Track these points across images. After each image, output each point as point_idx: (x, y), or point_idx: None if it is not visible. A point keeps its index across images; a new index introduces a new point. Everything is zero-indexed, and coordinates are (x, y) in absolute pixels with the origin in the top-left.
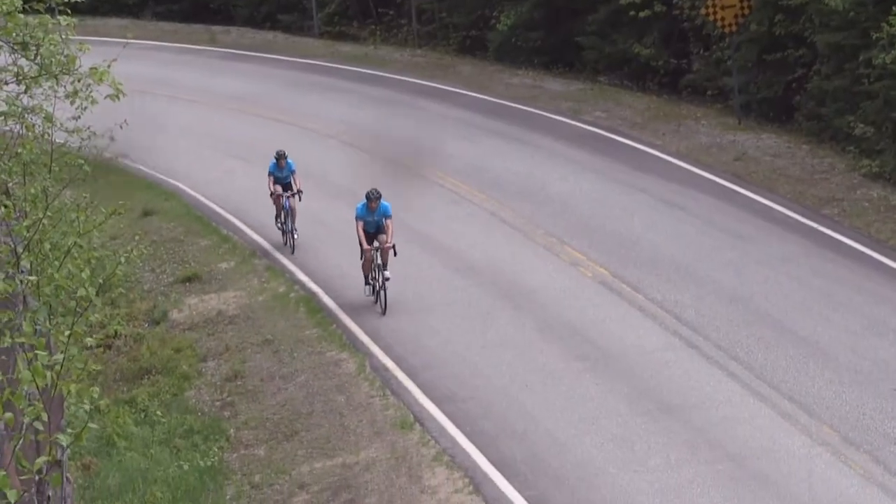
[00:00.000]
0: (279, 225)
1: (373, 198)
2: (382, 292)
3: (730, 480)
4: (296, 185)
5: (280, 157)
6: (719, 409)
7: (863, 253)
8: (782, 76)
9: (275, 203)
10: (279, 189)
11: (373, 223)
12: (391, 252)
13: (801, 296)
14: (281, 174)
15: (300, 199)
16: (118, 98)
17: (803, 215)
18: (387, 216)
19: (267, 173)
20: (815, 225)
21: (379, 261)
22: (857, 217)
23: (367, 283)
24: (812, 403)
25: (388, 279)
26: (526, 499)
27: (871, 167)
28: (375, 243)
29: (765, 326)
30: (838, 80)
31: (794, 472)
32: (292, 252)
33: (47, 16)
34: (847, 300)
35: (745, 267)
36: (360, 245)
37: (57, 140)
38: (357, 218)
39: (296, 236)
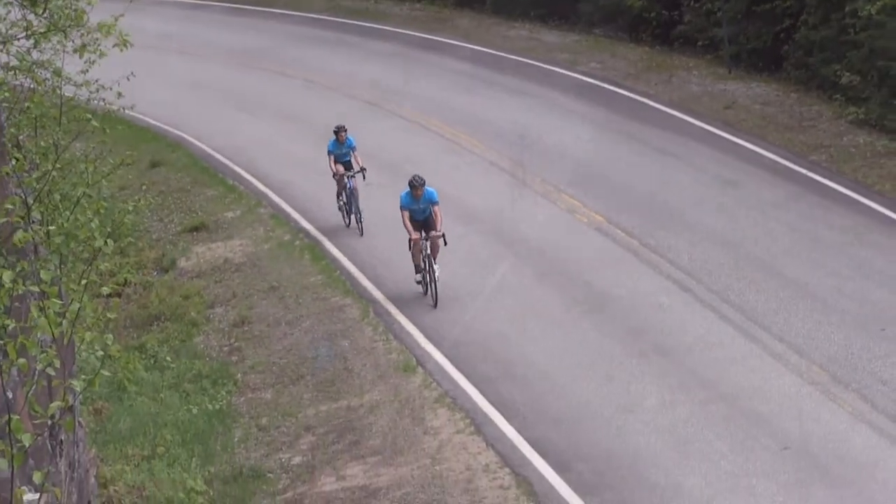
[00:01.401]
0: (341, 203)
1: (417, 185)
2: (433, 285)
3: (723, 419)
4: (357, 163)
5: (339, 130)
6: (712, 351)
7: (850, 198)
8: (771, 27)
9: (337, 183)
10: (341, 169)
11: (419, 211)
12: (441, 241)
13: (790, 240)
14: (340, 151)
15: (364, 178)
16: (125, 48)
17: (792, 161)
18: (433, 202)
19: (326, 152)
20: (803, 171)
21: (429, 251)
22: (844, 163)
23: (417, 270)
24: (802, 344)
25: (437, 274)
26: (525, 439)
27: (858, 114)
28: (423, 233)
29: (756, 270)
30: (825, 30)
31: (785, 410)
32: (361, 234)
33: None
34: (835, 244)
35: (736, 212)
36: (409, 233)
37: (66, 94)
38: (402, 208)
39: (362, 218)
